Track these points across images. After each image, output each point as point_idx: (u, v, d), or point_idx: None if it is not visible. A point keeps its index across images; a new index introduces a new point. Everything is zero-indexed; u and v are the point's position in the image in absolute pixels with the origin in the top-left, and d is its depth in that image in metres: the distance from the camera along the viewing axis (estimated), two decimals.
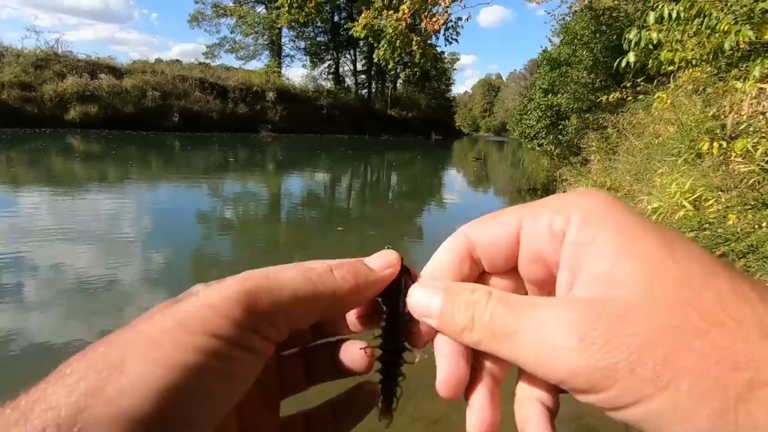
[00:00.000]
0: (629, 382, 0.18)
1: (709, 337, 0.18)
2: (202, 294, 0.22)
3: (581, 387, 0.19)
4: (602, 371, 0.18)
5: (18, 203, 5.75)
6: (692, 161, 4.20)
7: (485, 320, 0.23)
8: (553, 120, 10.16)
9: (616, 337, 0.18)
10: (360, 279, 0.26)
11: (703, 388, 0.17)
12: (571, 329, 0.19)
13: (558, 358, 0.19)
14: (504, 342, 0.22)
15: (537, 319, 0.21)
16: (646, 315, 0.19)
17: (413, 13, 8.71)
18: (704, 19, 3.39)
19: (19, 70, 17.55)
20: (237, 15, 32.51)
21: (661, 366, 0.18)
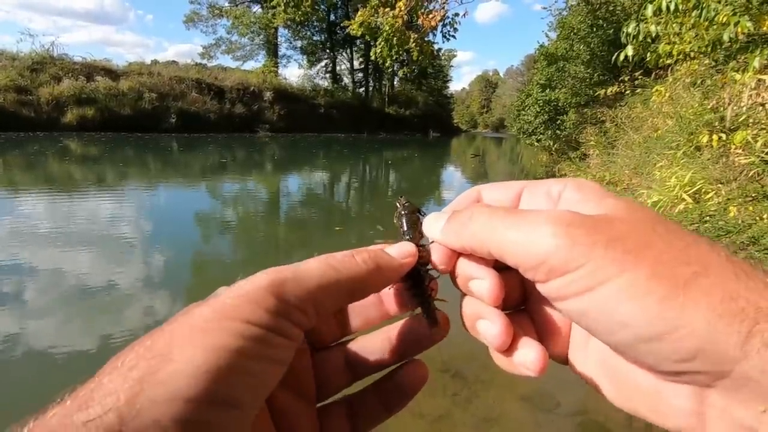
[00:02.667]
0: (602, 260, 0.21)
1: (670, 241, 0.22)
2: (235, 286, 0.24)
3: (557, 264, 0.22)
4: (580, 249, 0.22)
5: (13, 207, 5.72)
6: (691, 154, 4.19)
7: (482, 219, 0.27)
8: (551, 115, 10.14)
9: (596, 228, 0.22)
10: (381, 262, 0.29)
11: (659, 272, 0.20)
12: (559, 219, 0.23)
13: (542, 238, 0.23)
14: (495, 230, 0.25)
15: (529, 213, 0.25)
16: (623, 221, 0.23)
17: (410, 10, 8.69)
18: (702, 11, 3.37)
19: (14, 74, 17.49)
20: (233, 15, 32.42)
21: (630, 252, 0.21)
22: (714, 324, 0.19)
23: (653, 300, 0.20)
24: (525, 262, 0.24)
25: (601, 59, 9.00)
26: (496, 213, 0.26)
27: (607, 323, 0.22)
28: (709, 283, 0.20)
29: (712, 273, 0.20)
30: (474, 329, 0.29)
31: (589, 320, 0.22)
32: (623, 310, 0.20)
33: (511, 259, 0.25)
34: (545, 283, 0.24)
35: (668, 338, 0.20)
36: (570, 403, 2.06)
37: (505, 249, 0.25)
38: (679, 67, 5.26)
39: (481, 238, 0.26)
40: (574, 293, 0.22)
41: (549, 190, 0.29)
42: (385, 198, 8.77)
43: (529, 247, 0.23)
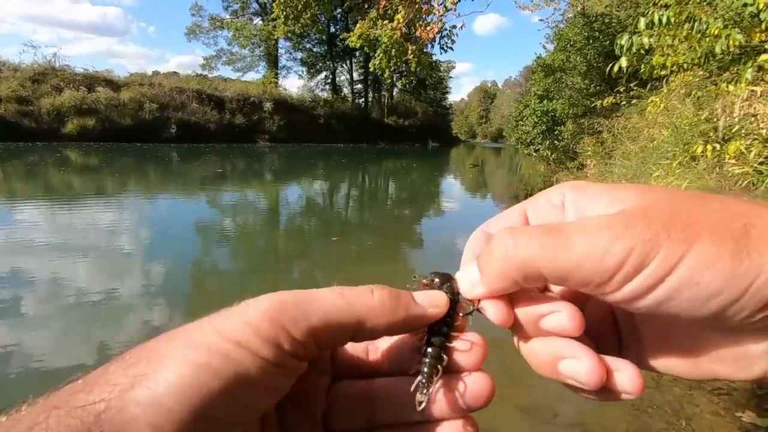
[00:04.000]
0: (671, 244, 0.21)
1: (707, 205, 0.23)
2: (241, 305, 0.24)
3: (633, 265, 0.22)
4: (650, 242, 0.21)
5: (13, 216, 5.73)
6: (687, 164, 4.22)
7: (527, 244, 0.24)
8: (549, 125, 10.21)
9: (647, 219, 0.22)
10: (399, 303, 0.26)
11: (718, 236, 0.21)
12: (614, 223, 0.23)
13: (612, 245, 0.22)
14: (555, 252, 0.23)
15: (579, 227, 0.23)
16: (659, 204, 0.23)
17: (408, 22, 8.80)
18: (694, 24, 3.43)
19: (16, 85, 17.65)
20: (234, 27, 32.81)
21: (687, 228, 0.22)
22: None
23: (725, 262, 0.21)
24: (597, 277, 0.22)
25: (597, 70, 9.10)
26: (536, 233, 0.24)
27: (694, 300, 0.21)
28: (759, 230, 0.21)
29: (757, 219, 0.22)
30: (556, 372, 0.26)
31: (673, 305, 0.22)
32: (706, 280, 0.21)
33: (579, 278, 0.23)
34: (619, 290, 0.22)
35: (751, 291, 0.20)
36: (568, 414, 2.05)
37: (569, 271, 0.23)
38: (673, 79, 5.32)
39: (532, 266, 0.24)
40: (653, 286, 0.22)
41: (550, 201, 0.28)
42: (385, 207, 8.79)
43: (600, 260, 0.22)
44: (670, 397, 2.25)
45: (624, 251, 0.22)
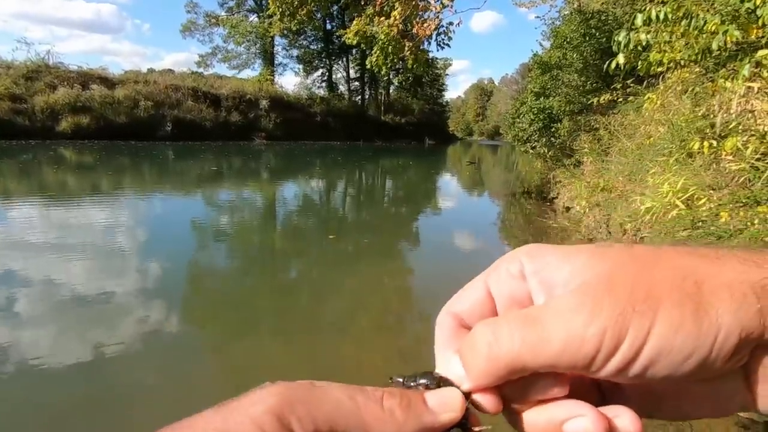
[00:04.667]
0: (638, 319, 0.22)
1: (660, 266, 0.24)
2: (248, 398, 0.22)
3: (610, 345, 0.23)
4: (619, 320, 0.23)
5: (6, 215, 5.68)
6: (683, 161, 4.22)
7: (507, 340, 0.24)
8: (546, 123, 10.20)
9: (612, 294, 0.23)
10: (409, 415, 0.24)
11: (676, 299, 0.23)
12: (581, 306, 0.23)
13: (585, 331, 0.23)
14: (536, 346, 0.24)
15: (550, 315, 0.24)
16: (618, 275, 0.24)
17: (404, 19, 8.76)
18: (691, 20, 3.42)
19: (9, 82, 17.48)
20: (229, 24, 32.60)
21: (648, 299, 0.23)
22: (737, 315, 0.22)
23: (690, 323, 0.22)
24: (580, 361, 0.23)
25: (594, 67, 9.09)
26: (515, 328, 0.24)
27: (671, 365, 0.23)
28: (710, 285, 0.23)
29: (705, 274, 0.23)
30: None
31: (653, 372, 0.23)
32: (677, 345, 0.22)
33: (564, 364, 0.24)
34: (602, 369, 0.23)
35: (716, 345, 0.22)
36: None
37: (554, 359, 0.24)
38: (670, 75, 5.32)
39: (521, 362, 0.24)
40: (631, 361, 0.23)
41: (510, 272, 0.28)
42: (382, 206, 8.78)
43: (579, 346, 0.23)
44: None
45: (598, 334, 0.23)
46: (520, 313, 0.25)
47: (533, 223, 6.70)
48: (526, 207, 8.17)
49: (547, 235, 5.76)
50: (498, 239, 6.08)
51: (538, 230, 6.13)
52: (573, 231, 5.74)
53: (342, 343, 2.74)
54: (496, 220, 7.70)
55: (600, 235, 5.18)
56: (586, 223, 5.70)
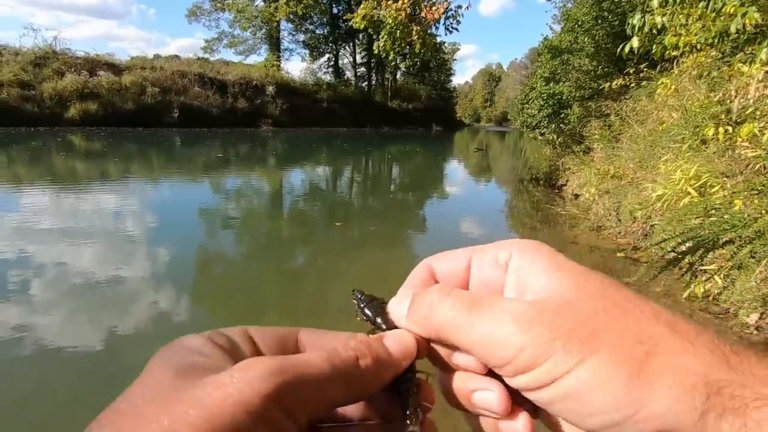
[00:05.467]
0: (563, 354, 0.22)
1: (621, 320, 0.23)
2: (231, 387, 0.20)
3: (524, 362, 0.23)
4: (543, 346, 0.23)
5: (17, 201, 5.75)
6: (697, 147, 4.14)
7: (445, 311, 0.26)
8: (555, 109, 10.05)
9: (554, 321, 0.23)
10: (383, 369, 0.27)
11: (616, 357, 0.22)
12: (520, 316, 0.24)
13: (508, 338, 0.24)
14: (460, 329, 0.25)
15: (491, 310, 0.25)
16: (576, 307, 0.24)
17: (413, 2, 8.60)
18: (709, 2, 3.31)
19: (17, 69, 17.52)
20: (235, 9, 32.27)
21: (586, 341, 0.22)
22: (672, 404, 0.20)
23: (614, 386, 0.21)
24: (493, 361, 0.25)
25: (606, 52, 8.89)
26: (457, 304, 0.26)
27: (573, 412, 0.23)
28: (660, 361, 0.21)
29: (662, 350, 0.21)
30: (469, 403, 0.28)
31: (557, 409, 0.23)
32: (588, 399, 0.22)
33: (479, 356, 0.25)
34: (511, 379, 0.24)
35: (632, 420, 0.21)
36: None
37: (472, 347, 0.25)
38: (685, 59, 5.19)
39: (445, 335, 0.26)
40: (540, 386, 0.23)
41: (496, 258, 0.28)
42: (388, 192, 8.76)
43: (494, 349, 0.24)
44: None
45: (517, 348, 0.23)
46: (473, 295, 0.27)
47: (541, 210, 6.65)
48: (534, 194, 8.11)
49: (555, 222, 5.72)
50: (505, 226, 6.05)
51: (546, 217, 6.09)
52: (582, 218, 5.69)
53: (348, 329, 2.76)
54: (504, 207, 7.66)
55: (609, 223, 5.13)
56: (595, 211, 5.64)
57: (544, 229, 5.44)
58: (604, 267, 3.92)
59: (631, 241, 4.50)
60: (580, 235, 5.00)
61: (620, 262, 4.00)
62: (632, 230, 4.63)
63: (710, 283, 3.00)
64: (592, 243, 4.66)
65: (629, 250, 4.23)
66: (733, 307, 2.87)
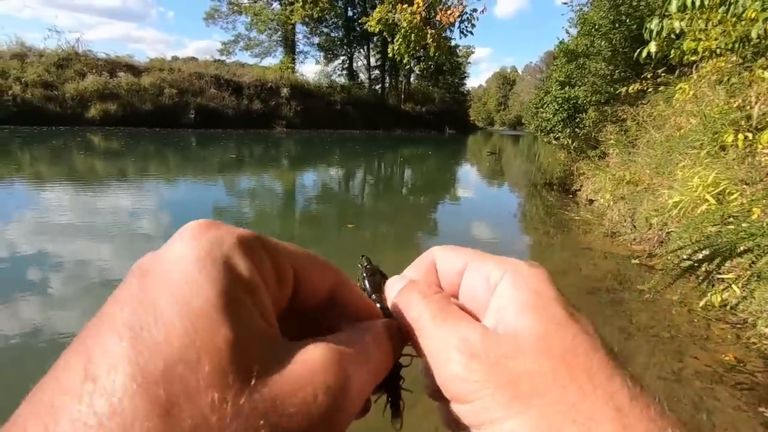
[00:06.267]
0: (489, 401, 0.21)
1: (565, 390, 0.21)
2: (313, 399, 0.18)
3: (453, 392, 0.23)
4: (474, 384, 0.22)
5: (39, 198, 5.91)
6: (716, 154, 4.07)
7: (416, 311, 0.26)
8: (570, 113, 9.96)
9: (495, 366, 0.22)
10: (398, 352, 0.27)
11: (543, 426, 0.20)
12: (466, 347, 0.23)
13: (447, 362, 0.23)
14: (421, 332, 0.25)
15: (448, 328, 0.24)
16: (526, 359, 0.22)
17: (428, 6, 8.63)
18: (729, 7, 3.26)
19: (41, 70, 18.00)
20: (252, 12, 32.73)
21: (518, 399, 0.21)
22: None
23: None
24: (435, 374, 0.24)
25: (623, 56, 8.80)
26: (426, 311, 0.26)
27: None
28: None
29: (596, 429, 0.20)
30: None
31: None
32: None
33: (428, 363, 0.25)
34: (447, 399, 0.24)
35: None
36: None
37: (422, 354, 0.25)
38: (704, 65, 5.11)
39: (413, 332, 0.26)
40: (466, 422, 0.23)
41: (489, 275, 0.27)
42: (400, 195, 8.77)
43: (436, 365, 0.24)
44: (691, 391, 2.21)
45: (452, 374, 0.23)
46: (445, 306, 0.26)
47: (555, 215, 6.59)
48: (547, 199, 8.04)
49: (568, 227, 5.66)
50: (518, 231, 6.01)
51: (559, 223, 6.03)
52: (596, 224, 5.62)
53: None
54: (517, 211, 7.61)
55: (624, 229, 5.07)
56: (610, 217, 5.57)
57: (558, 235, 5.39)
58: (618, 274, 3.87)
59: (646, 248, 4.43)
60: (594, 241, 4.95)
61: (635, 270, 3.95)
62: (648, 237, 4.57)
63: (728, 293, 2.94)
64: (607, 249, 4.61)
65: (644, 257, 4.17)
66: (751, 318, 2.82)
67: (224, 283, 0.18)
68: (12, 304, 2.79)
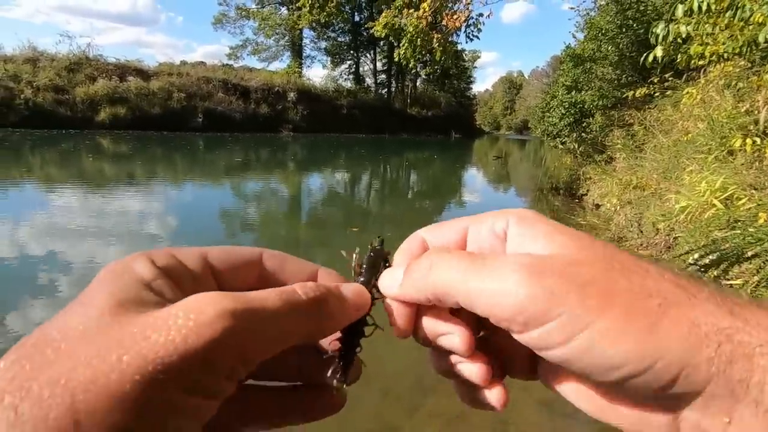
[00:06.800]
0: (577, 309, 0.22)
1: (629, 276, 0.23)
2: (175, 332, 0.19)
3: (533, 315, 0.22)
4: (555, 298, 0.22)
5: (49, 200, 5.99)
6: (723, 158, 4.05)
7: (446, 268, 0.26)
8: (577, 117, 9.93)
9: (566, 275, 0.23)
10: (337, 318, 0.27)
11: (631, 311, 0.21)
12: (530, 267, 0.23)
13: (517, 289, 0.23)
14: (464, 283, 0.25)
15: (498, 263, 0.24)
16: (585, 264, 0.23)
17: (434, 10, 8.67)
18: (737, 11, 3.25)
19: (53, 74, 18.27)
20: (260, 17, 33.02)
21: (600, 296, 0.22)
22: (689, 353, 0.21)
23: (632, 339, 0.21)
24: (499, 313, 0.24)
25: (630, 60, 8.77)
26: (459, 260, 0.25)
27: (594, 367, 0.22)
28: (674, 313, 0.21)
29: (673, 302, 0.22)
30: (450, 373, 0.29)
31: (575, 366, 0.23)
32: (608, 353, 0.22)
33: (483, 310, 0.24)
34: (523, 333, 0.23)
35: (652, 371, 0.21)
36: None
37: (475, 300, 0.24)
38: (711, 69, 5.08)
39: (446, 289, 0.25)
40: (556, 343, 0.22)
41: (493, 227, 0.28)
42: (405, 199, 8.78)
43: (502, 298, 0.23)
44: None
45: (526, 298, 0.22)
46: (472, 254, 0.26)
47: (561, 219, 6.51)
48: (553, 203, 8.01)
49: None
50: None
51: None
52: (602, 229, 5.59)
53: None
54: None
55: (631, 234, 5.03)
56: (617, 222, 5.54)
57: None
58: None
59: (653, 253, 4.40)
60: None
61: None
62: (654, 242, 4.53)
63: None
64: None
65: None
66: None
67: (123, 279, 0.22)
68: (21, 304, 2.84)
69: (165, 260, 0.24)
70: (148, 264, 0.23)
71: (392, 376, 2.21)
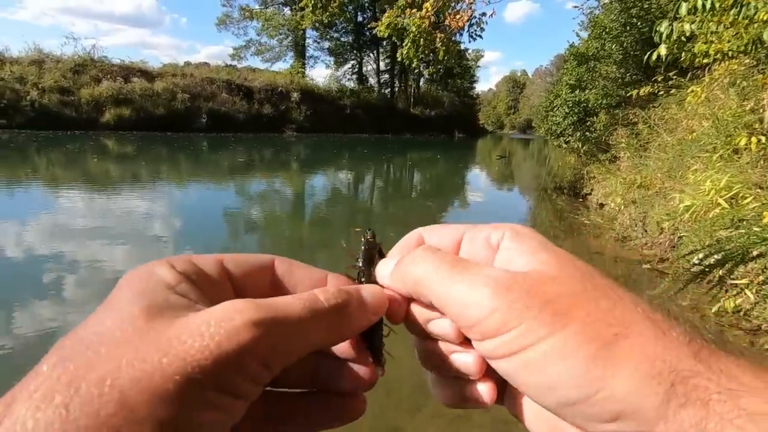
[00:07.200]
0: (534, 323, 0.22)
1: (597, 301, 0.23)
2: (208, 337, 0.20)
3: (493, 325, 0.23)
4: (515, 311, 0.23)
5: (55, 201, 6.03)
6: (728, 157, 4.02)
7: (426, 266, 0.27)
8: (581, 116, 9.88)
9: (531, 291, 0.23)
10: (358, 320, 0.27)
11: (586, 334, 0.22)
12: (498, 280, 0.24)
13: (482, 299, 0.24)
14: (438, 283, 0.26)
15: (472, 272, 0.25)
16: (555, 282, 0.24)
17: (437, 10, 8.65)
18: (741, 9, 3.23)
19: (58, 76, 18.42)
20: (263, 18, 33.12)
21: (560, 314, 0.22)
22: (634, 387, 0.20)
23: (578, 361, 0.21)
24: (462, 320, 0.25)
25: (634, 59, 8.71)
26: (440, 262, 0.27)
27: (534, 386, 0.23)
28: (629, 344, 0.21)
29: (633, 334, 0.22)
30: (440, 366, 0.29)
31: (520, 381, 0.23)
32: (550, 371, 0.22)
33: (451, 315, 0.25)
34: (480, 342, 0.24)
35: (592, 401, 0.21)
36: None
37: (445, 304, 0.25)
38: (716, 67, 5.05)
39: (422, 289, 0.27)
40: (506, 354, 0.23)
41: (488, 237, 0.29)
42: (408, 199, 8.78)
43: (467, 308, 0.24)
44: None
45: (489, 309, 0.23)
46: (458, 257, 0.28)
47: (565, 219, 6.54)
48: (557, 203, 7.98)
49: (579, 232, 5.62)
50: None
51: (569, 227, 5.99)
52: (606, 228, 5.57)
53: None
54: (526, 215, 7.56)
55: (635, 234, 5.01)
56: (621, 221, 5.52)
57: (568, 239, 5.35)
58: (629, 278, 3.83)
59: (657, 252, 4.38)
60: (604, 246, 4.90)
61: (646, 274, 3.91)
62: (659, 241, 4.51)
63: (741, 298, 2.90)
64: (617, 254, 4.56)
65: (655, 262, 4.12)
66: (765, 324, 2.77)
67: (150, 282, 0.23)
68: (27, 304, 2.86)
69: (184, 266, 0.25)
70: (170, 269, 0.24)
71: (395, 377, 2.22)
